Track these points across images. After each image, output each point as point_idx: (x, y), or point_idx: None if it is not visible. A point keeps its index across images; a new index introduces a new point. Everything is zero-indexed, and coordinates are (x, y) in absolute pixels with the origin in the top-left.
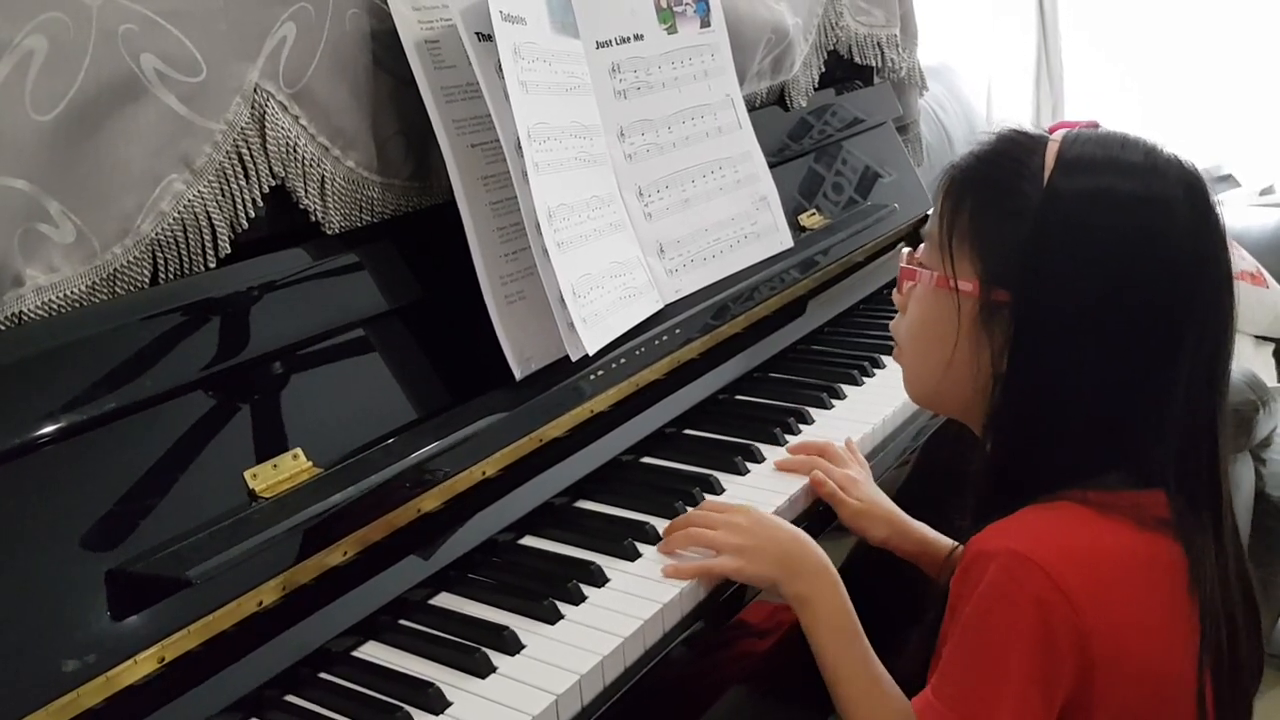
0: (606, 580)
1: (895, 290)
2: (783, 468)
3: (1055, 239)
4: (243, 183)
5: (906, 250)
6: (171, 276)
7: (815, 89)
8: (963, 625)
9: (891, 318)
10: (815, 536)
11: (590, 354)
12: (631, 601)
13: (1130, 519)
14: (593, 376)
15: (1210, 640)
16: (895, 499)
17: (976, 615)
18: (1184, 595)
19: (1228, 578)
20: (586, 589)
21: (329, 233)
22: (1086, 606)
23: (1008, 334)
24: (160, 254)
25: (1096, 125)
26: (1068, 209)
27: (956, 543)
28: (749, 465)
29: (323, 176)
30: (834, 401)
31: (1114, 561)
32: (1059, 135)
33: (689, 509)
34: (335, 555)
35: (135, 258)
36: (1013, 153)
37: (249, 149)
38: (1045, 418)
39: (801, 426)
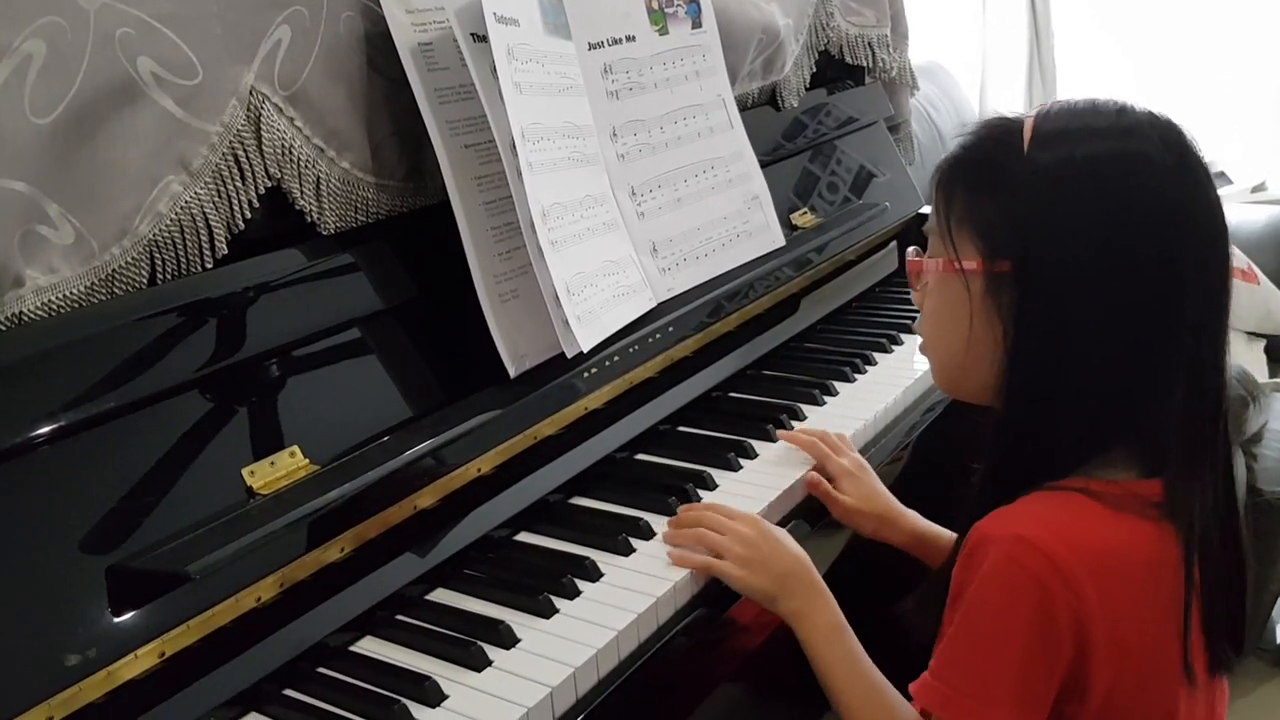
0: (601, 575)
1: (911, 290)
2: (788, 440)
3: (1043, 210)
4: (239, 184)
5: (913, 249)
6: (169, 277)
7: (806, 89)
8: (965, 608)
9: (885, 314)
10: (810, 528)
11: (584, 351)
12: (626, 596)
13: (1132, 510)
14: (587, 374)
15: (1199, 610)
16: None
17: (978, 597)
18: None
19: (1236, 551)
20: (581, 584)
21: (324, 233)
22: (1087, 592)
23: (1014, 303)
24: (158, 255)
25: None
26: (1050, 181)
27: (948, 531)
28: (742, 461)
29: (318, 178)
30: (826, 398)
31: (1115, 550)
32: (1034, 112)
33: (688, 505)
34: (332, 551)
35: (133, 258)
36: (993, 135)
37: (245, 151)
38: (1053, 384)
39: (794, 423)
